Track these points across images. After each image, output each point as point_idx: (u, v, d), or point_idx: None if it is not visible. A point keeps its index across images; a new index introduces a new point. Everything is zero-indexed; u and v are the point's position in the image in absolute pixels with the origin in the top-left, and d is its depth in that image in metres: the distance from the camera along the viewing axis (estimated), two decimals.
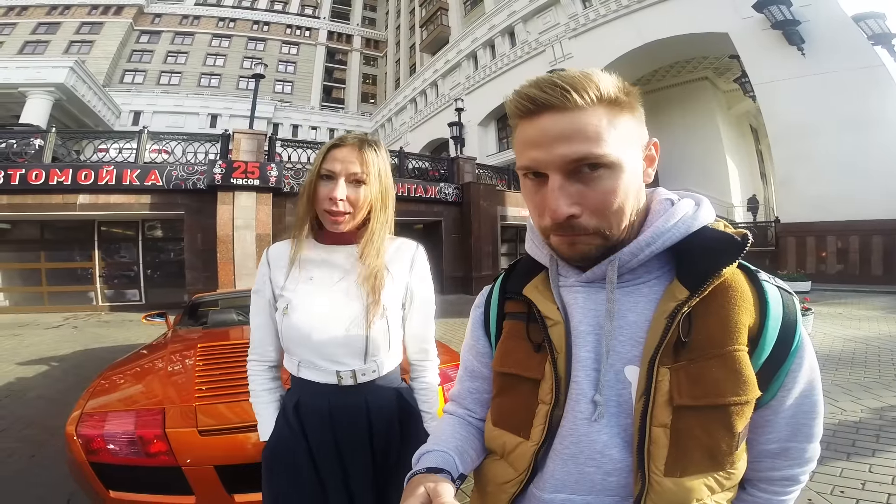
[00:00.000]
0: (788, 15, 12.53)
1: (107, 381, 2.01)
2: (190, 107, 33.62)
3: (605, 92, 0.52)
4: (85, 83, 22.21)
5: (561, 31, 19.60)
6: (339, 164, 0.96)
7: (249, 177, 9.39)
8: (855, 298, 9.17)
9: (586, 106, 0.51)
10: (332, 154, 0.98)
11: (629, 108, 0.54)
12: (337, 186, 0.95)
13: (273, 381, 1.09)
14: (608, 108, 0.52)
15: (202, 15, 38.12)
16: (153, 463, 1.44)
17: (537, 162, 0.54)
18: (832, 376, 4.06)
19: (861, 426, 2.93)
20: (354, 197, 0.97)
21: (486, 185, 13.16)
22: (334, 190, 0.95)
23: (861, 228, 11.56)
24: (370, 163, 0.98)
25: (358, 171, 0.96)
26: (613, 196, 0.53)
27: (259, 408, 1.06)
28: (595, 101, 0.51)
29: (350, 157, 0.97)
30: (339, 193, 0.95)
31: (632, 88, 0.55)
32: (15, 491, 2.37)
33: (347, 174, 0.96)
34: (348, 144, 0.98)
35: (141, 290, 10.93)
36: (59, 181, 8.99)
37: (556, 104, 0.52)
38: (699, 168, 19.45)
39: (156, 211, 9.74)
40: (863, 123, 11.66)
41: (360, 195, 0.97)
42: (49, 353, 5.87)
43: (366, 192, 0.98)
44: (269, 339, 1.06)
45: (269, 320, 1.05)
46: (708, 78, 20.20)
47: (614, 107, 0.53)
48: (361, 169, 0.97)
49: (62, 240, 10.92)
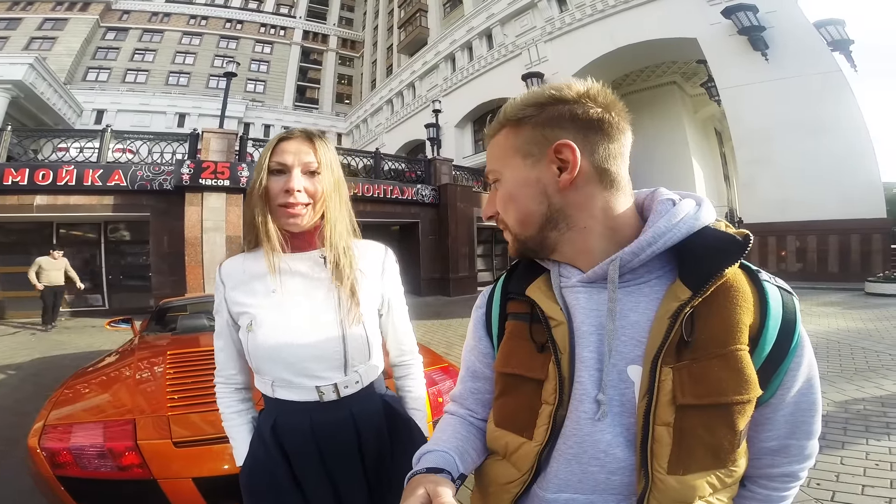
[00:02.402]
0: (755, 21, 12.95)
1: (70, 390, 1.91)
2: (157, 105, 32.51)
3: (509, 114, 0.62)
4: (45, 80, 21.12)
5: (537, 34, 19.85)
6: (292, 155, 0.91)
7: (219, 177, 9.11)
8: (814, 295, 9.61)
9: (495, 132, 0.65)
10: (282, 147, 0.92)
11: (515, 125, 0.62)
12: (292, 177, 0.90)
13: (242, 402, 1.03)
14: (506, 128, 0.63)
15: (173, 12, 36.97)
16: (126, 476, 1.37)
17: None
18: None
19: (828, 419, 3.03)
20: (311, 189, 0.92)
21: (463, 187, 13.21)
22: (289, 181, 0.90)
23: (818, 228, 12.07)
24: (322, 153, 0.93)
25: (312, 161, 0.92)
26: (501, 202, 0.65)
27: (231, 432, 1.01)
28: (500, 126, 0.64)
29: (302, 148, 0.92)
30: (295, 184, 0.89)
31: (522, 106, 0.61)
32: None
33: (301, 164, 0.91)
34: (297, 137, 0.94)
35: (104, 295, 10.48)
36: (14, 181, 8.54)
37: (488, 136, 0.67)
38: (666, 170, 19.98)
39: (119, 213, 9.35)
40: (820, 127, 12.18)
41: (316, 186, 0.92)
42: (5, 360, 5.56)
43: (321, 183, 0.93)
44: (232, 362, 1.00)
45: (231, 342, 0.99)
46: (676, 82, 20.81)
47: (507, 126, 0.63)
48: (315, 158, 0.92)
49: (18, 242, 10.33)
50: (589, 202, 0.59)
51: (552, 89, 0.60)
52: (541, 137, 0.60)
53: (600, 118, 0.58)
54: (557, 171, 0.59)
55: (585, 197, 0.59)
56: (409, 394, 1.10)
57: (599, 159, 0.58)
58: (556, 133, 0.59)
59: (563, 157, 0.58)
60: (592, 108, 0.58)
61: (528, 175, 0.61)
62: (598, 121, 0.58)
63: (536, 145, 0.60)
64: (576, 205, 0.59)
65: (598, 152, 0.58)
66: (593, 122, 0.58)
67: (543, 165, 0.60)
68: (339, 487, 0.94)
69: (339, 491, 0.94)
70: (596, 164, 0.58)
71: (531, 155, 0.60)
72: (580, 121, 0.58)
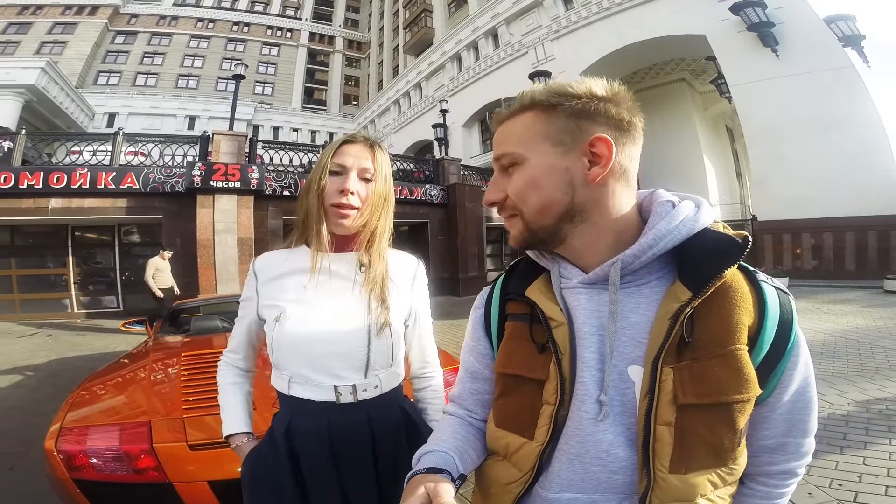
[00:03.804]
0: (763, 17, 12.84)
1: (86, 392, 1.92)
2: (167, 108, 32.87)
3: (535, 97, 0.60)
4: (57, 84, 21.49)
5: (543, 32, 19.78)
6: (352, 158, 0.94)
7: (230, 179, 9.19)
8: (830, 293, 9.45)
9: (514, 114, 0.61)
10: (343, 149, 0.95)
11: (548, 111, 0.59)
12: (349, 178, 0.92)
13: (240, 376, 1.07)
14: (530, 112, 0.60)
15: (180, 15, 37.34)
16: (141, 479, 1.37)
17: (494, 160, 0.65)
18: (816, 370, 4.13)
19: (850, 419, 2.99)
20: (364, 194, 0.94)
21: (472, 187, 13.18)
22: (346, 182, 0.92)
23: (834, 225, 11.90)
24: (379, 161, 0.96)
25: (369, 167, 0.94)
26: (520, 185, 0.61)
27: (224, 401, 1.04)
28: (522, 108, 0.61)
29: (362, 153, 0.95)
30: (350, 185, 0.92)
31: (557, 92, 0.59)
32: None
33: (359, 169, 0.94)
34: (359, 141, 0.97)
35: (119, 297, 10.60)
36: (29, 185, 8.67)
37: (501, 116, 0.64)
38: (677, 168, 19.81)
39: (132, 215, 9.46)
40: (833, 123, 12.02)
41: (369, 192, 0.95)
42: (23, 362, 5.64)
43: (373, 190, 0.95)
44: (242, 348, 1.05)
45: (249, 332, 1.03)
46: (685, 80, 20.60)
47: (533, 110, 0.60)
48: (372, 166, 0.95)
49: (34, 245, 10.52)
50: (607, 199, 0.60)
51: (586, 83, 0.60)
52: (575, 128, 0.59)
53: (630, 120, 0.59)
54: (588, 164, 0.59)
55: (606, 194, 0.59)
56: (430, 405, 1.09)
57: (624, 159, 0.60)
58: (591, 127, 0.58)
59: (596, 152, 0.58)
60: (625, 109, 0.59)
61: (557, 163, 0.59)
62: (629, 122, 0.59)
63: (570, 135, 0.59)
64: (595, 200, 0.59)
65: (623, 152, 0.59)
66: (623, 123, 0.59)
67: (575, 156, 0.59)
68: (350, 495, 0.92)
69: (349, 499, 0.92)
70: (621, 164, 0.59)
71: (563, 143, 0.59)
72: (613, 119, 0.58)
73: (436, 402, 1.09)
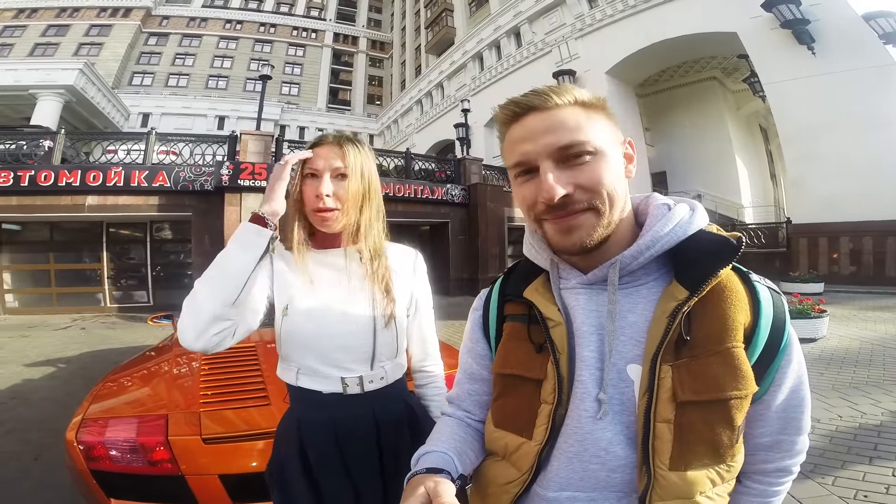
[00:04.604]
0: (798, 14, 12.38)
1: (111, 384, 1.97)
2: (198, 109, 33.90)
3: (578, 96, 0.59)
4: (94, 85, 22.38)
5: (567, 31, 19.49)
6: (322, 160, 0.95)
7: (257, 178, 9.38)
8: (869, 300, 9.00)
9: (564, 105, 0.58)
10: (315, 152, 0.97)
11: (602, 110, 0.60)
12: (322, 182, 0.94)
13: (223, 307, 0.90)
14: (583, 108, 0.59)
15: (209, 17, 38.50)
16: (155, 471, 1.39)
17: (527, 154, 0.58)
18: (849, 378, 3.97)
19: (883, 429, 2.86)
20: (341, 193, 0.95)
21: (493, 187, 13.08)
22: (319, 186, 0.94)
23: (874, 229, 11.36)
24: (350, 156, 0.96)
25: (340, 166, 0.95)
26: (601, 177, 0.57)
27: None
28: (571, 102, 0.58)
29: (331, 153, 0.96)
30: (324, 189, 0.93)
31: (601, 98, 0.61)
32: (19, 493, 2.35)
33: (331, 169, 0.95)
34: (328, 142, 0.98)
35: (149, 292, 10.95)
36: (67, 182, 9.05)
37: (538, 105, 0.58)
38: (709, 169, 19.25)
39: (164, 212, 9.78)
40: (875, 123, 11.50)
41: (346, 189, 0.95)
42: (56, 354, 5.89)
43: (350, 187, 0.95)
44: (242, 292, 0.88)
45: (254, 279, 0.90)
46: (716, 78, 19.99)
47: (588, 108, 0.59)
48: (343, 163, 0.95)
49: (71, 241, 10.98)
50: (626, 198, 0.61)
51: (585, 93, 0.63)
52: (615, 128, 0.62)
53: None
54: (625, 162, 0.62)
55: (627, 193, 0.62)
56: (433, 402, 1.10)
57: None
58: (616, 127, 0.63)
59: (626, 153, 0.63)
60: None
61: (620, 158, 0.62)
62: None
63: (616, 134, 0.62)
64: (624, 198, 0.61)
65: None
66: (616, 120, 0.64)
67: (620, 153, 0.62)
68: (359, 487, 0.95)
69: (357, 489, 0.95)
70: None
71: (618, 141, 0.62)
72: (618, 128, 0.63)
73: (438, 399, 1.10)
